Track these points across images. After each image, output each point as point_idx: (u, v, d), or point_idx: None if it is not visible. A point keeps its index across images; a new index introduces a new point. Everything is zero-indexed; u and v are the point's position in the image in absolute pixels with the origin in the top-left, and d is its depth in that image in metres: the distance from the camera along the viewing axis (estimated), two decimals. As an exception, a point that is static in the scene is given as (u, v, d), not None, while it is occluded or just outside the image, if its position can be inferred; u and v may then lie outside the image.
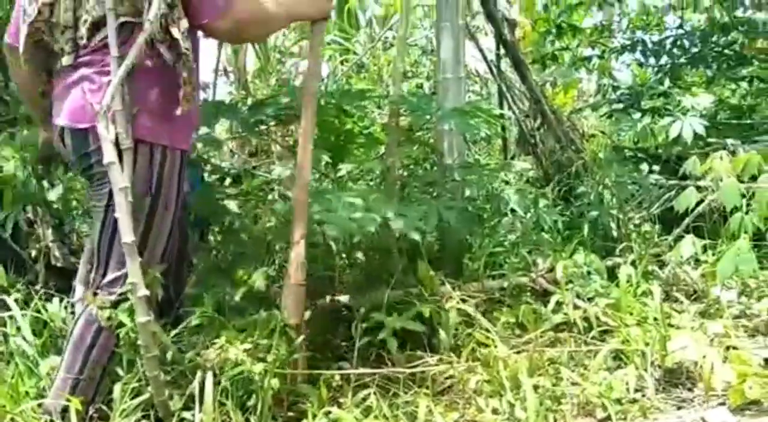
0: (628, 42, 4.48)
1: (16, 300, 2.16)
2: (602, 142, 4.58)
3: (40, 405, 1.68)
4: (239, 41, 1.97)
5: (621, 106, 3.92)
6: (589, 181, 3.01)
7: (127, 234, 1.52)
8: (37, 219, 3.00)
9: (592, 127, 4.92)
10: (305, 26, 6.02)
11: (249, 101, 4.29)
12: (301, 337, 1.80)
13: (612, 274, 2.38)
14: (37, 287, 2.65)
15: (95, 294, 1.66)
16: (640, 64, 4.61)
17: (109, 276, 1.67)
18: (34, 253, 2.90)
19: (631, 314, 2.12)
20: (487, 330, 1.94)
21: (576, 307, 2.14)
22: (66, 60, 1.67)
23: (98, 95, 1.59)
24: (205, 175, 3.03)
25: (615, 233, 2.88)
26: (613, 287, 2.27)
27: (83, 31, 1.63)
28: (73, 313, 2.17)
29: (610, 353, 1.90)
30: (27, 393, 1.81)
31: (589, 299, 2.21)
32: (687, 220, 2.68)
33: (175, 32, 1.61)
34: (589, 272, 2.36)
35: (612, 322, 2.08)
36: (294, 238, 1.90)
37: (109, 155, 1.49)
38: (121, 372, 1.70)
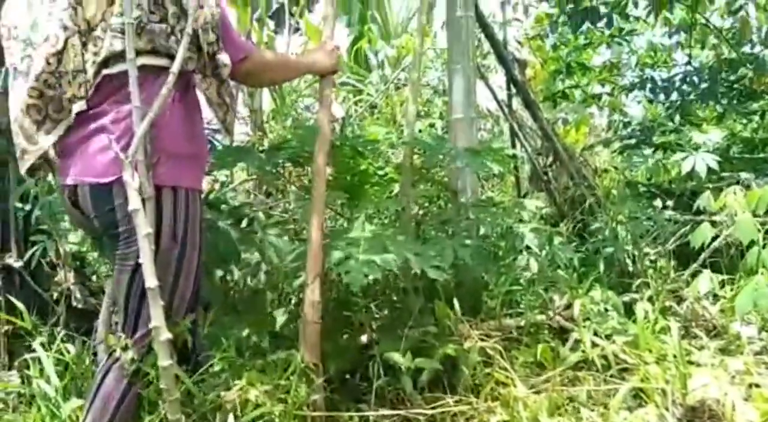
0: (637, 79, 4.54)
1: (42, 344, 2.19)
2: (615, 178, 4.60)
3: None
4: (255, 85, 2.12)
5: (633, 142, 3.95)
6: (603, 217, 3.02)
7: (150, 279, 1.56)
8: (59, 262, 3.06)
9: (604, 163, 4.95)
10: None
11: (265, 142, 4.39)
12: (321, 379, 1.81)
13: (629, 310, 2.38)
14: (59, 328, 2.70)
15: (125, 349, 1.65)
16: (650, 101, 4.66)
17: (141, 331, 1.66)
18: (55, 295, 2.95)
19: (650, 351, 2.11)
20: (506, 369, 1.93)
21: (594, 345, 2.13)
22: (78, 107, 1.61)
23: (118, 145, 1.58)
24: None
25: (631, 269, 2.87)
26: (631, 324, 2.27)
27: (90, 72, 1.59)
28: (95, 354, 2.20)
29: (630, 391, 1.89)
30: (50, 436, 1.83)
31: (607, 337, 2.20)
32: (703, 255, 2.68)
33: (224, 58, 1.69)
34: (606, 309, 2.36)
35: (631, 360, 2.07)
36: (308, 278, 1.93)
37: (134, 202, 1.54)
38: (142, 414, 1.72)
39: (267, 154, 2.77)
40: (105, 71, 1.59)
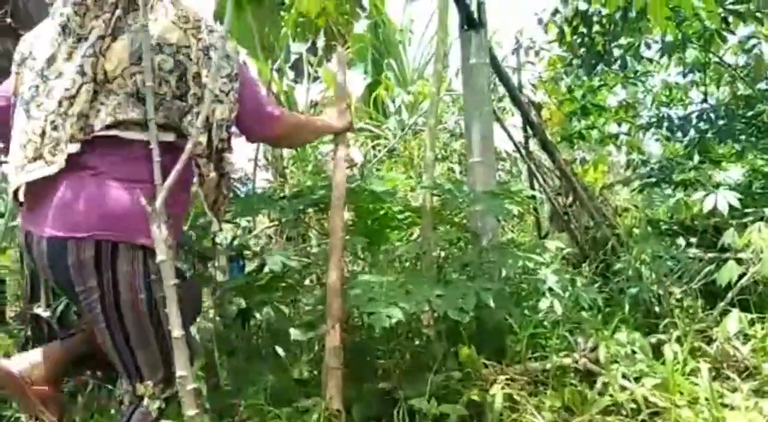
0: (654, 118, 4.56)
1: (69, 392, 2.20)
2: (636, 216, 4.57)
3: None
4: (283, 146, 2.22)
5: (652, 180, 3.94)
6: (625, 256, 3.00)
7: (176, 329, 1.58)
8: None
9: (624, 201, 4.93)
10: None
11: (286, 188, 4.46)
12: (345, 424, 1.80)
13: (657, 352, 2.33)
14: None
15: (151, 397, 1.63)
16: (668, 138, 4.67)
17: (149, 381, 1.64)
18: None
19: (681, 394, 2.06)
20: (534, 415, 1.90)
21: (623, 388, 2.09)
22: (73, 147, 1.53)
23: (122, 204, 1.56)
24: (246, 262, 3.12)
25: (657, 310, 2.83)
26: (659, 365, 2.22)
27: (96, 123, 1.54)
28: (120, 402, 2.21)
29: (662, 436, 1.84)
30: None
31: (636, 380, 2.16)
32: (731, 293, 2.63)
33: (229, 157, 1.71)
34: (633, 351, 2.32)
35: (661, 403, 2.02)
36: (328, 324, 1.95)
37: (161, 254, 1.57)
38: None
39: (288, 200, 2.82)
40: (114, 132, 1.56)
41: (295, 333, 2.50)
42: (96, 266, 1.54)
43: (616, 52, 4.41)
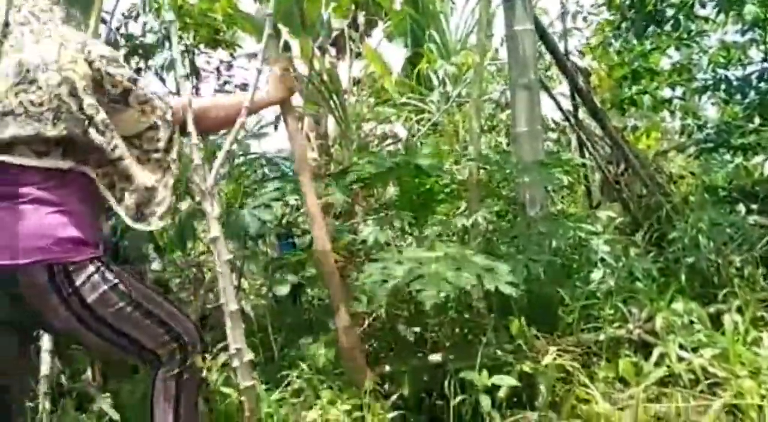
0: (710, 80, 4.36)
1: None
2: (692, 183, 4.41)
3: None
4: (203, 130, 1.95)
5: (710, 145, 3.79)
6: (681, 225, 2.91)
7: (231, 303, 1.62)
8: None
9: (679, 168, 4.76)
10: (382, 94, 6.26)
11: (332, 166, 4.49)
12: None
13: (716, 322, 2.27)
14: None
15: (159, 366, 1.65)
16: (726, 101, 4.46)
17: (151, 345, 1.63)
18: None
19: (743, 364, 2.00)
20: (587, 386, 1.88)
21: (680, 359, 2.04)
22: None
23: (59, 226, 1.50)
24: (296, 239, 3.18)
25: (715, 279, 2.74)
26: (719, 336, 2.16)
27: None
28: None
29: (723, 407, 1.80)
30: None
31: (694, 350, 2.10)
32: (794, 261, 2.53)
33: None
34: (690, 321, 2.25)
35: (721, 374, 1.97)
36: (333, 306, 1.97)
37: (214, 230, 1.61)
38: None
39: (334, 178, 2.84)
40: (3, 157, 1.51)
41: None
42: (53, 287, 1.49)
43: (669, 12, 4.21)
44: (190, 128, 1.69)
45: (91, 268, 1.52)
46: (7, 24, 1.57)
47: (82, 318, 1.53)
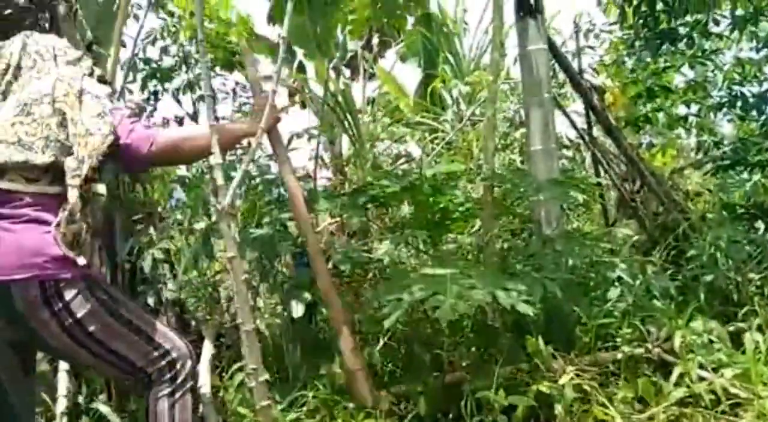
0: (725, 97, 4.34)
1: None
2: (709, 200, 4.37)
3: None
4: (175, 162, 2.07)
5: (726, 162, 3.76)
6: (699, 242, 2.88)
7: (247, 323, 1.63)
8: (160, 308, 3.24)
9: (696, 186, 4.71)
10: (396, 114, 6.31)
11: (347, 186, 4.52)
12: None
13: (736, 341, 2.23)
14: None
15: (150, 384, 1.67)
16: (742, 118, 4.43)
17: (141, 362, 1.66)
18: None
19: (765, 384, 1.96)
20: (605, 406, 1.86)
21: (701, 379, 2.01)
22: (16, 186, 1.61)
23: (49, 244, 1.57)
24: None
25: (735, 297, 2.70)
26: (740, 355, 2.12)
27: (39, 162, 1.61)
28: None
29: (745, 428, 1.76)
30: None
31: (714, 370, 2.07)
32: (816, 279, 2.49)
33: (97, 187, 1.72)
34: (710, 340, 2.22)
35: (743, 394, 1.93)
36: (336, 329, 1.96)
37: (232, 250, 1.63)
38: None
39: (349, 197, 2.86)
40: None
41: (360, 326, 2.54)
42: (45, 301, 1.57)
43: (682, 31, 4.21)
44: (214, 149, 1.73)
45: (82, 284, 1.59)
46: (19, 67, 1.74)
47: (73, 333, 1.59)
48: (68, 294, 1.58)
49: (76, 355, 1.65)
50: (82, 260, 1.60)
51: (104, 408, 2.18)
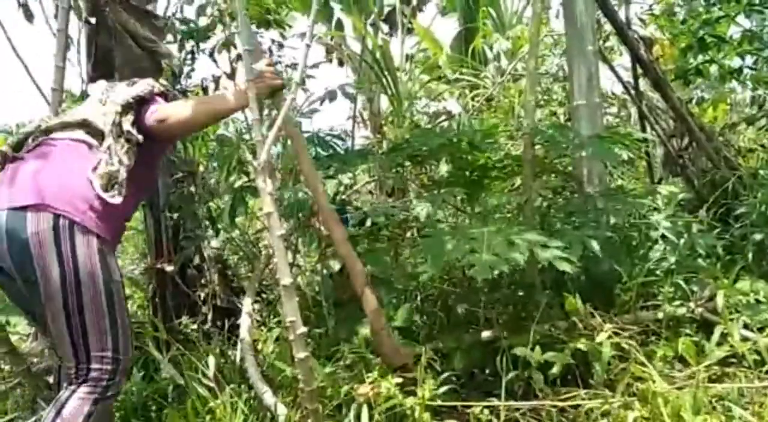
0: (784, 47, 4.09)
1: (194, 340, 2.38)
2: (763, 157, 4.18)
3: None
4: (169, 139, 2.07)
5: (783, 116, 3.58)
6: (750, 200, 2.77)
7: (285, 277, 1.66)
8: (203, 265, 3.32)
9: (749, 142, 4.52)
10: (434, 70, 6.19)
11: (384, 144, 4.49)
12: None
13: (785, 302, 2.16)
14: (206, 326, 2.95)
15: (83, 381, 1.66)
16: (802, 69, 4.18)
17: (96, 354, 1.67)
18: (202, 295, 3.21)
19: (813, 345, 1.90)
20: (644, 364, 1.84)
21: (744, 339, 1.96)
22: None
23: (79, 187, 1.69)
24: (349, 216, 3.21)
25: (786, 257, 2.61)
26: (788, 316, 2.06)
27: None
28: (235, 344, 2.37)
29: (790, 389, 1.72)
30: None
31: (759, 330, 2.02)
32: None
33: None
34: (757, 301, 2.16)
35: (790, 355, 1.88)
36: (357, 289, 1.96)
37: (268, 206, 1.65)
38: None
39: (387, 155, 2.84)
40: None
41: (398, 283, 2.55)
42: (55, 239, 1.62)
43: (740, -24, 3.96)
44: (251, 103, 1.76)
45: (95, 240, 1.66)
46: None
47: (66, 283, 1.62)
48: (79, 239, 1.63)
49: (55, 317, 1.65)
50: (116, 199, 1.69)
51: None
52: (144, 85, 1.96)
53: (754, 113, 4.62)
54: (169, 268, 3.04)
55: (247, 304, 2.41)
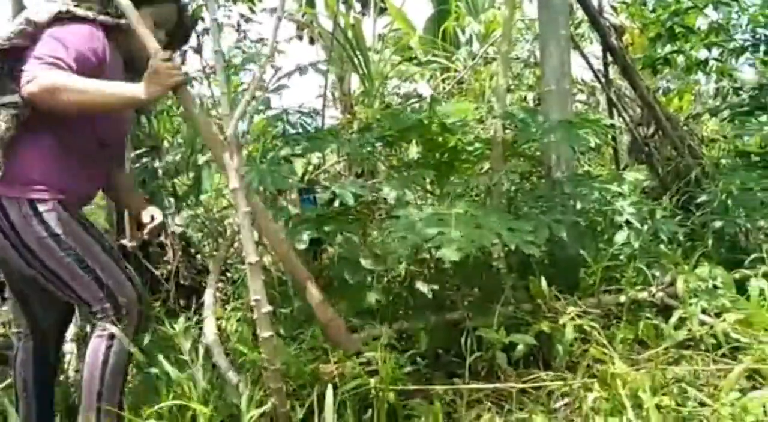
0: (749, 42, 4.17)
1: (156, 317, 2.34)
2: (724, 147, 4.28)
3: None
4: (56, 108, 1.68)
5: (745, 108, 3.65)
6: (711, 189, 2.83)
7: (251, 254, 1.63)
8: (167, 242, 3.26)
9: (712, 132, 4.62)
10: (406, 52, 6.14)
11: (354, 124, 4.46)
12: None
13: (741, 288, 2.22)
14: (169, 303, 2.90)
15: (93, 326, 1.79)
16: (765, 63, 4.28)
17: (89, 298, 1.77)
18: (164, 273, 3.15)
19: (766, 330, 1.96)
20: (605, 347, 1.87)
21: (702, 323, 2.02)
22: None
23: None
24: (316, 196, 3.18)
25: (743, 244, 2.68)
26: (743, 301, 2.12)
27: None
28: (201, 328, 2.34)
29: (744, 372, 1.77)
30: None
31: (716, 315, 2.07)
32: (827, 228, 2.45)
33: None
34: (715, 286, 2.21)
35: (744, 339, 1.94)
36: (302, 285, 1.94)
37: (233, 182, 1.61)
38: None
39: (357, 136, 2.81)
40: None
41: (365, 264, 2.54)
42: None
43: (708, -32, 4.02)
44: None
45: (26, 208, 1.69)
46: None
47: (22, 255, 1.70)
48: (13, 214, 1.68)
49: (40, 283, 1.76)
50: None
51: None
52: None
53: (718, 105, 4.72)
54: (131, 244, 2.98)
55: (211, 282, 2.37)
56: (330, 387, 1.67)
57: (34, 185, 1.72)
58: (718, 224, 2.65)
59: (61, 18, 1.75)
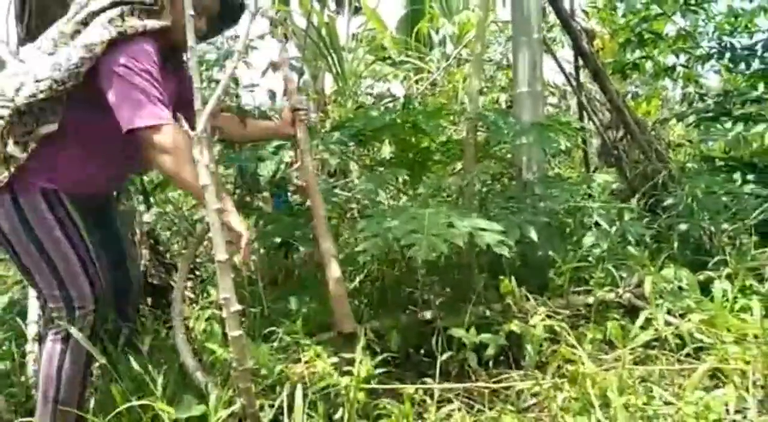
0: (714, 49, 4.27)
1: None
2: (690, 152, 4.38)
3: None
4: (154, 162, 1.75)
5: (710, 114, 3.74)
6: (677, 192, 2.89)
7: (221, 253, 1.60)
8: (135, 240, 3.19)
9: (678, 137, 4.71)
10: (380, 52, 6.14)
11: (328, 123, 4.43)
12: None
13: (705, 289, 2.27)
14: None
15: (51, 320, 1.76)
16: (729, 70, 4.39)
17: (47, 292, 1.76)
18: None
19: (729, 331, 2.01)
20: (574, 347, 1.89)
21: (667, 324, 2.05)
22: None
23: None
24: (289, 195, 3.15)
25: (708, 247, 2.74)
26: (708, 302, 2.17)
27: None
28: (169, 327, 2.30)
29: (707, 372, 1.81)
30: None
31: (681, 316, 2.12)
32: (788, 231, 2.52)
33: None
34: (680, 288, 2.26)
35: (707, 339, 1.98)
36: (326, 259, 2.01)
37: (204, 178, 1.58)
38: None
39: (330, 133, 2.80)
40: None
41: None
42: None
43: (676, -24, 4.11)
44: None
45: (7, 201, 1.69)
46: None
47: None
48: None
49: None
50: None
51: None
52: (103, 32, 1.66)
53: (684, 110, 4.83)
54: (97, 242, 2.90)
55: (179, 281, 2.32)
56: (299, 386, 1.65)
57: (22, 171, 1.69)
58: (683, 226, 2.70)
59: (115, 41, 1.68)
